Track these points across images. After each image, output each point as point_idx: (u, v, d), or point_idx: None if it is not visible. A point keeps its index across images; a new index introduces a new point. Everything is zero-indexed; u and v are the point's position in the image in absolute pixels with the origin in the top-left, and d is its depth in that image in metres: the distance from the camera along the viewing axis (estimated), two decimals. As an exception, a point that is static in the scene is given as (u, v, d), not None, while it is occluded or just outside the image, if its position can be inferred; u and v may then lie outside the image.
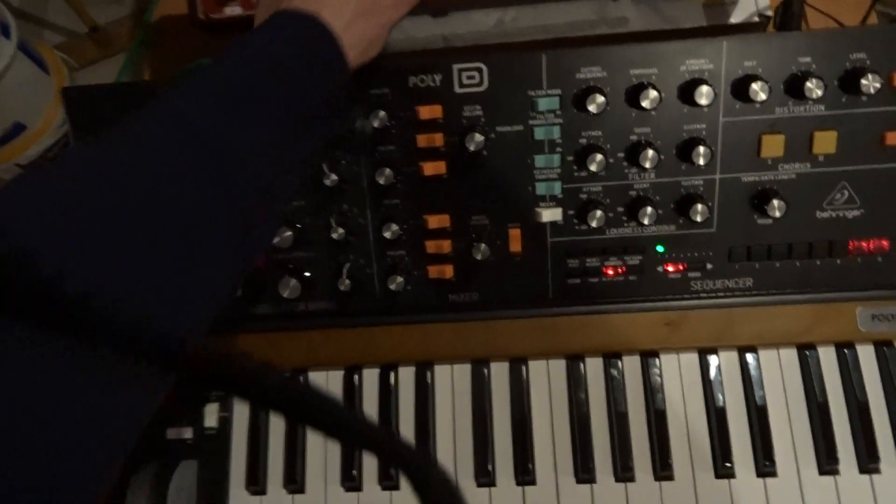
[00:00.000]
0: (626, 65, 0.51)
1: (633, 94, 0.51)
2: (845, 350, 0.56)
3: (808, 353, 0.56)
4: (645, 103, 0.50)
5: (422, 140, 0.53)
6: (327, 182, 0.53)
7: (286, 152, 0.37)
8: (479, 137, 0.51)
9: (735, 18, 0.61)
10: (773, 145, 0.52)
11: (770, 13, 0.61)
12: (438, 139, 0.52)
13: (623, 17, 0.61)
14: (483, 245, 0.53)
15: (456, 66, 0.52)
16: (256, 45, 0.38)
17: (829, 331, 0.55)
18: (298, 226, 0.54)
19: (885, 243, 0.54)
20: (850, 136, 0.51)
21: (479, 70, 0.52)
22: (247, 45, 0.38)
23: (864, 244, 0.54)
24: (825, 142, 0.52)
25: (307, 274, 0.56)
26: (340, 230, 0.54)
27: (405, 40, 0.62)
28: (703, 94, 0.50)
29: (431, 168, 0.53)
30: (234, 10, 0.58)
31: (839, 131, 0.51)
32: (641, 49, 0.51)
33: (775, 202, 0.51)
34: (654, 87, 0.50)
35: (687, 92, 0.51)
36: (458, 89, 0.52)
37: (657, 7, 0.61)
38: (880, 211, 0.53)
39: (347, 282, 0.55)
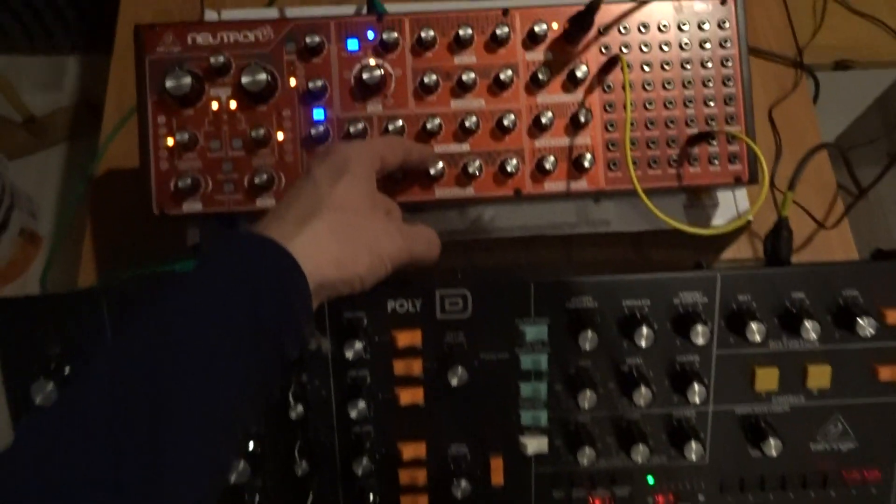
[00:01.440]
0: (618, 295, 0.49)
1: (626, 326, 0.48)
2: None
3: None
4: (638, 340, 0.47)
5: (399, 367, 0.48)
6: (293, 415, 0.47)
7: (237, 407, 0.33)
8: (461, 370, 0.47)
9: (717, 220, 0.60)
10: (767, 379, 0.50)
11: (751, 217, 0.60)
12: (417, 366, 0.48)
13: (604, 220, 0.59)
14: (463, 481, 0.49)
15: (439, 292, 0.48)
16: (206, 285, 0.34)
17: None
18: (257, 459, 0.48)
19: (877, 474, 0.52)
20: (844, 370, 0.50)
21: (464, 296, 0.48)
22: (197, 284, 0.33)
23: (857, 475, 0.52)
24: (819, 376, 0.50)
25: (264, 509, 0.49)
26: (304, 463, 0.48)
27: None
28: (699, 333, 0.47)
29: (408, 396, 0.48)
30: (193, 207, 0.53)
31: (833, 365, 0.50)
32: (634, 280, 0.48)
33: (771, 441, 0.49)
34: (647, 322, 0.48)
35: (681, 325, 0.48)
36: (440, 315, 0.48)
37: (638, 208, 0.60)
38: (874, 443, 0.51)
39: (310, 521, 0.48)
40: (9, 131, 1.72)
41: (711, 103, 0.54)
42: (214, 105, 0.53)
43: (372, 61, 0.53)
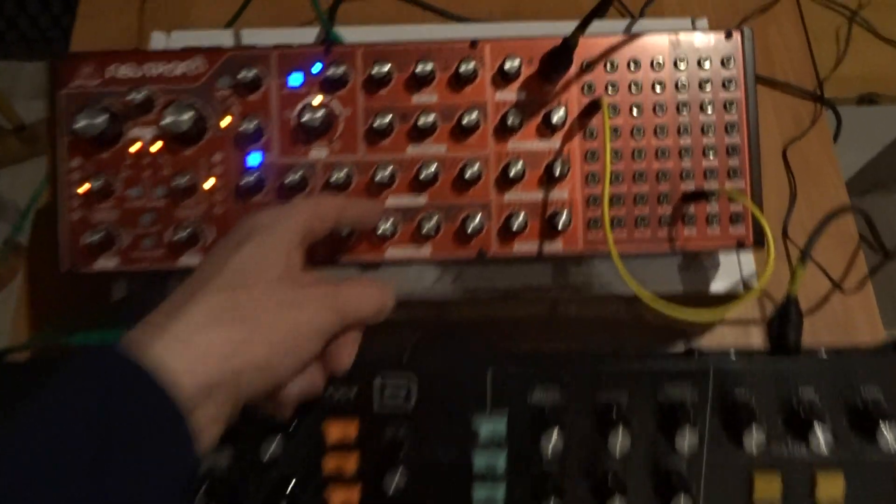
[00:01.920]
0: (591, 385, 0.41)
1: (600, 423, 0.41)
2: None
3: None
4: (614, 442, 0.39)
5: (330, 463, 0.41)
6: (201, 520, 0.40)
7: None
8: (402, 471, 0.40)
9: (716, 287, 0.52)
10: (767, 487, 0.42)
11: (756, 283, 0.52)
12: (351, 464, 0.41)
13: (587, 282, 0.52)
14: None
15: (378, 379, 0.41)
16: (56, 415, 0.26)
17: None
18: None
19: None
20: (861, 481, 0.42)
21: (408, 384, 0.41)
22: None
23: None
24: (831, 486, 0.42)
25: None
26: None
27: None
28: (687, 436, 0.39)
29: (340, 497, 0.41)
30: (108, 264, 0.46)
31: (848, 475, 0.42)
32: (610, 370, 0.41)
33: (773, 567, 0.41)
34: (625, 420, 0.40)
35: (666, 424, 0.41)
36: (378, 407, 0.41)
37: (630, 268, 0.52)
38: (895, 564, 0.43)
39: None
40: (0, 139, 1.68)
41: (711, 154, 0.46)
42: (135, 147, 0.46)
43: (317, 99, 0.46)
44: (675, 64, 0.46)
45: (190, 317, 0.29)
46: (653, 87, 0.46)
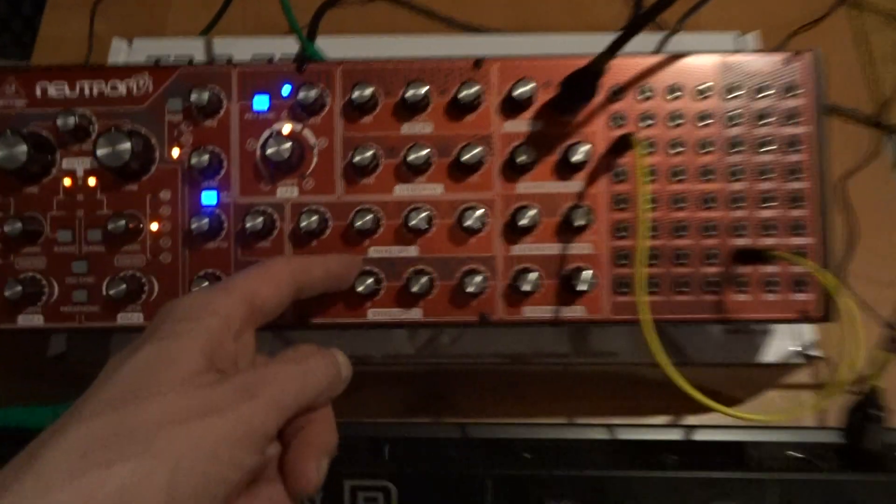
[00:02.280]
0: (614, 500, 0.32)
1: (627, 549, 0.32)
2: None
3: None
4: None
5: (286, 588, 0.33)
6: None
7: None
8: None
9: (768, 355, 0.44)
10: None
11: (820, 353, 0.43)
12: (313, 589, 0.33)
13: (610, 350, 0.43)
14: None
15: (349, 484, 0.32)
16: None
17: None
18: None
19: None
20: None
21: (386, 491, 0.32)
22: None
23: None
24: None
25: None
26: None
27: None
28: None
29: None
30: (31, 321, 0.38)
31: None
32: (641, 479, 0.32)
33: None
34: (660, 545, 0.31)
35: (711, 551, 0.32)
36: (348, 517, 0.33)
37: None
38: None
39: None
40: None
41: (770, 204, 0.37)
42: (67, 182, 0.38)
43: (286, 127, 0.38)
44: (727, 92, 0.37)
45: (52, 459, 0.21)
46: (698, 120, 0.37)
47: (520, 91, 0.37)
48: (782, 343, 0.44)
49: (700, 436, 0.41)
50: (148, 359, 0.24)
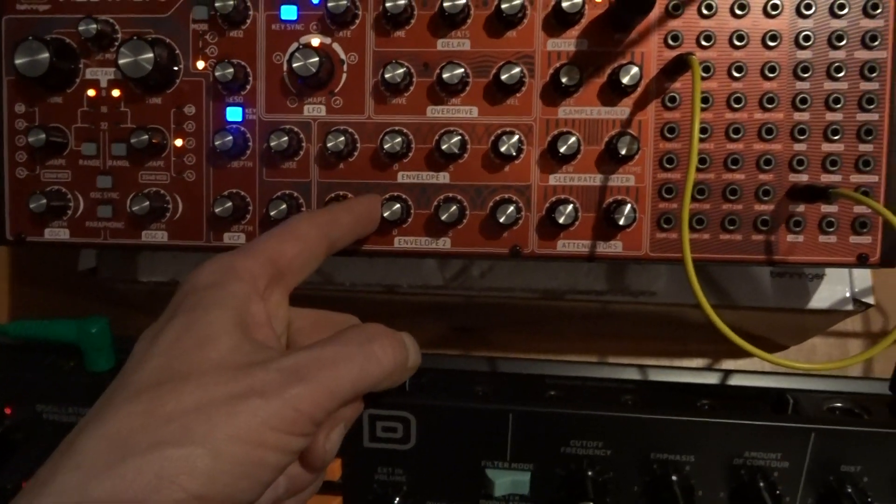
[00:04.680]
0: (642, 443, 0.31)
1: (655, 493, 0.31)
2: None
3: None
4: (671, 522, 0.30)
5: (306, 508, 0.33)
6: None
7: None
8: (394, 529, 0.31)
9: (819, 300, 0.41)
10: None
11: (872, 301, 0.41)
12: (332, 511, 0.33)
13: (648, 289, 0.41)
14: None
15: (368, 412, 0.32)
16: None
17: None
18: None
19: None
20: None
21: (405, 421, 0.32)
22: None
23: None
24: None
25: None
26: None
27: (338, 288, 0.42)
28: (771, 524, 0.29)
29: (319, 549, 0.33)
30: (58, 234, 0.38)
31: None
32: (671, 425, 0.31)
33: None
34: (688, 491, 0.30)
35: (743, 500, 0.31)
36: (368, 442, 0.32)
37: (701, 273, 0.41)
38: None
39: None
40: None
41: (836, 137, 0.34)
42: (91, 92, 0.37)
43: (315, 40, 0.36)
44: (799, 10, 0.34)
45: (90, 450, 0.20)
46: (764, 42, 0.34)
47: (567, 4, 0.34)
48: (833, 288, 0.41)
49: (738, 381, 0.39)
50: (179, 335, 0.23)
